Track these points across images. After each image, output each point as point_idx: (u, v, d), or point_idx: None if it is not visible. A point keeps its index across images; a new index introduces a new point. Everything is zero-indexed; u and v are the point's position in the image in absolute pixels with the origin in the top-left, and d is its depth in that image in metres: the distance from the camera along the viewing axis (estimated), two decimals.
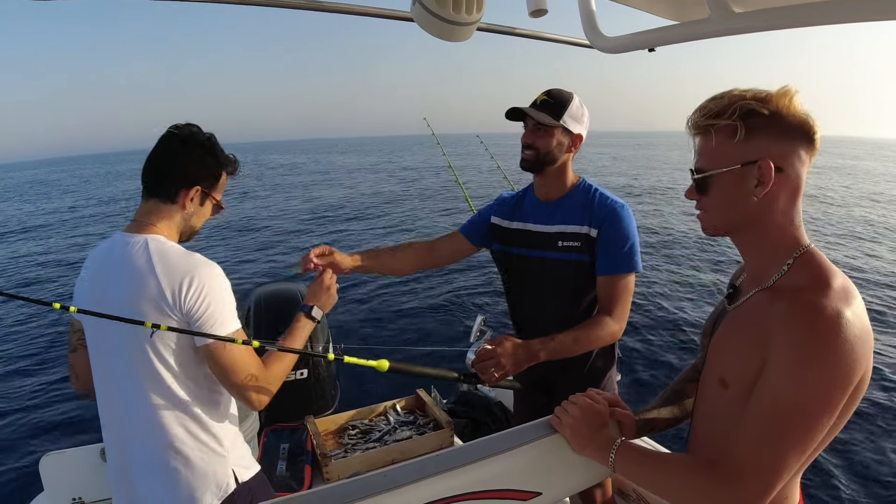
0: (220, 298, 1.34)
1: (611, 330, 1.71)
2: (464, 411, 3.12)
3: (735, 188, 0.98)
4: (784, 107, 0.93)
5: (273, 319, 2.75)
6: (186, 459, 1.36)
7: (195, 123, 1.47)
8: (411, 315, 7.16)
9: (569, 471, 1.18)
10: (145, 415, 1.34)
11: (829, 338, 0.85)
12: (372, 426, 2.40)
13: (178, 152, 1.41)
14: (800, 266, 0.96)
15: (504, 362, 1.58)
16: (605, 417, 1.16)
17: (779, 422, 0.88)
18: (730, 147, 0.97)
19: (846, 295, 0.89)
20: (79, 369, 1.50)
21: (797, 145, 0.95)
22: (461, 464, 1.03)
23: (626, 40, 1.30)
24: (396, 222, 14.96)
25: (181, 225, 1.45)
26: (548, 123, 1.74)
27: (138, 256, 1.32)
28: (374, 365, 1.48)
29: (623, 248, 1.73)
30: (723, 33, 1.09)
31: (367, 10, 1.36)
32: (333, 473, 2.08)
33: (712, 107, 0.97)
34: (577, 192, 1.85)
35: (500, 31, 1.58)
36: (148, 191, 1.42)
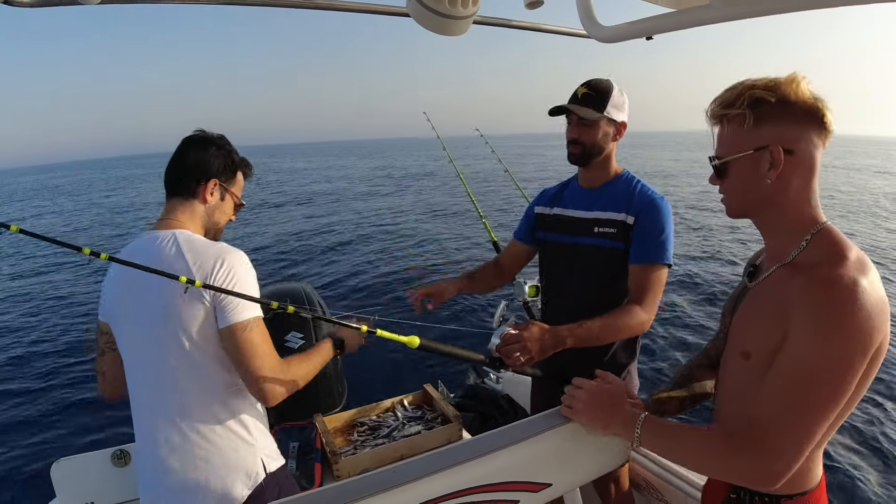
0: (244, 282, 1.39)
1: (640, 319, 1.70)
2: (471, 405, 3.12)
3: (750, 172, 1.03)
4: (791, 93, 0.98)
5: (278, 319, 2.75)
6: (216, 447, 1.39)
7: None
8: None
9: (578, 461, 1.19)
10: (175, 404, 1.39)
11: (846, 307, 0.89)
12: (380, 422, 2.41)
13: (194, 150, 1.50)
14: (817, 242, 1.01)
15: (530, 347, 1.58)
16: (618, 395, 1.18)
17: (803, 389, 0.92)
18: (742, 134, 1.02)
19: (861, 266, 0.94)
20: (108, 372, 1.54)
21: (807, 128, 0.99)
22: (470, 458, 1.04)
23: (623, 29, 1.29)
24: (402, 224, 14.96)
25: (204, 219, 1.52)
26: (593, 118, 1.75)
27: (168, 248, 1.39)
28: (405, 340, 1.52)
29: (658, 238, 1.73)
30: (722, 19, 1.08)
31: (363, 6, 1.36)
32: (344, 471, 2.09)
33: (725, 97, 1.03)
34: (619, 181, 1.86)
35: (496, 23, 1.57)
36: (169, 191, 1.50)
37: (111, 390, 1.55)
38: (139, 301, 1.40)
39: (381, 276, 8.53)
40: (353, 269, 9.41)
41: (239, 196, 1.61)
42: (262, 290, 3.09)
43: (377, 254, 10.54)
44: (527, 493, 1.09)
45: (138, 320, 1.41)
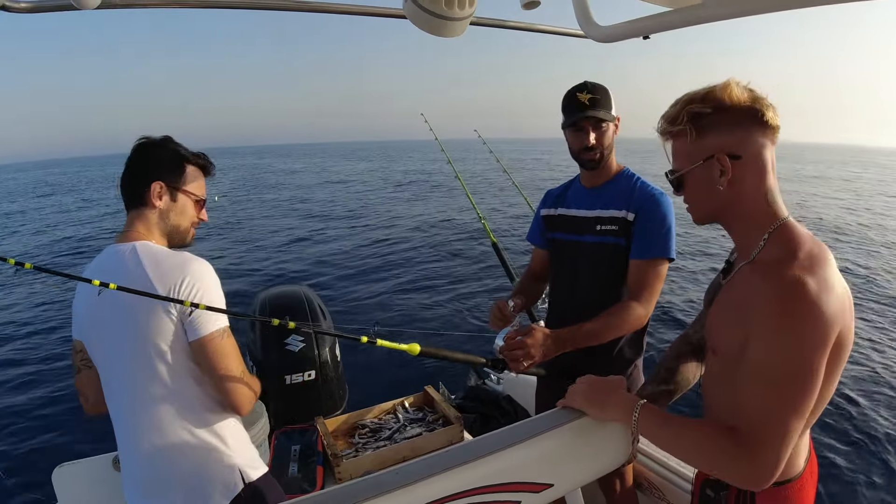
0: (210, 294, 1.36)
1: (637, 314, 1.73)
2: (472, 406, 3.13)
3: (703, 182, 1.07)
4: (726, 98, 1.02)
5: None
6: (192, 460, 1.38)
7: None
8: (440, 301, 7.17)
9: (579, 461, 1.19)
10: (148, 419, 1.37)
11: (794, 304, 0.91)
12: (381, 424, 2.41)
13: (135, 157, 1.46)
14: (775, 239, 1.03)
15: (534, 353, 1.62)
16: (616, 382, 1.21)
17: (770, 390, 0.94)
18: (688, 147, 1.07)
19: (813, 261, 0.96)
20: (87, 390, 1.51)
21: (749, 130, 1.03)
22: (471, 458, 1.04)
23: (620, 29, 1.30)
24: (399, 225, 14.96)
25: (161, 226, 1.46)
26: (610, 119, 1.79)
27: (128, 263, 1.35)
28: (405, 349, 1.51)
29: (658, 233, 1.75)
30: (717, 18, 1.08)
31: (359, 9, 1.36)
32: (345, 473, 2.09)
33: (668, 114, 1.08)
34: (620, 178, 1.89)
35: (493, 24, 1.58)
36: (126, 204, 1.47)
37: (93, 407, 1.52)
38: (107, 318, 1.37)
39: (380, 281, 8.48)
40: (352, 275, 9.39)
41: (197, 193, 1.52)
42: (263, 292, 3.12)
43: (377, 258, 10.50)
44: (529, 493, 1.09)
45: (108, 338, 1.40)
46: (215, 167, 1.60)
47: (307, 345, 2.68)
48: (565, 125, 1.82)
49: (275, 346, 2.67)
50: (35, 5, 1.09)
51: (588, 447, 1.19)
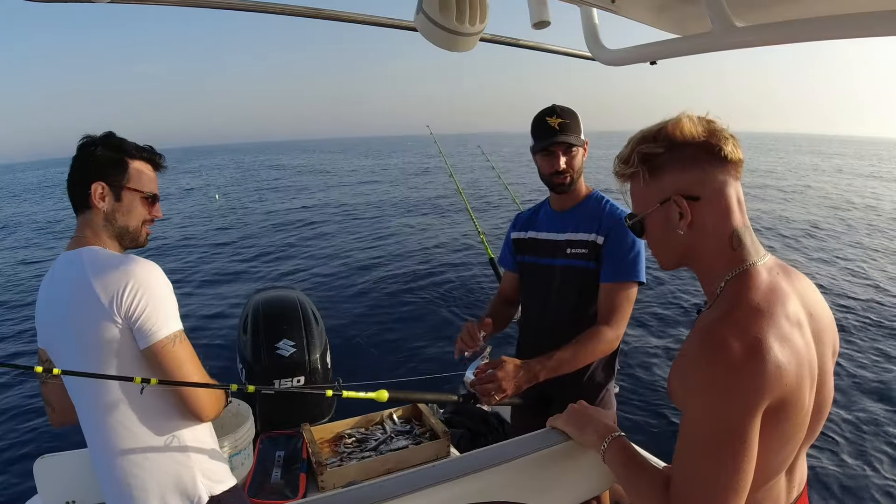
0: (158, 298, 1.30)
1: (608, 339, 1.73)
2: (460, 421, 3.11)
3: (663, 226, 1.00)
4: (678, 136, 0.94)
5: (270, 326, 2.74)
6: (148, 470, 1.33)
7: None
8: (407, 336, 7.08)
9: (564, 485, 1.18)
10: (106, 432, 1.33)
11: (713, 365, 0.85)
12: (368, 435, 2.39)
13: (75, 161, 1.41)
14: (727, 290, 0.96)
15: (505, 386, 1.61)
16: (601, 411, 1.19)
17: (690, 454, 0.88)
18: (643, 190, 1.01)
19: (750, 320, 0.88)
20: (53, 400, 1.48)
21: (706, 167, 0.95)
22: (455, 476, 1.03)
23: (627, 53, 1.31)
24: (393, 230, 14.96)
25: (108, 228, 1.41)
26: (580, 143, 1.79)
27: (74, 270, 1.31)
28: (373, 397, 1.51)
29: (627, 256, 1.75)
30: (724, 47, 1.09)
31: (371, 19, 1.37)
32: (329, 482, 2.07)
33: (622, 154, 1.01)
34: (590, 201, 1.90)
35: (502, 41, 1.59)
36: (73, 208, 1.42)
37: (59, 418, 1.48)
38: (61, 328, 1.33)
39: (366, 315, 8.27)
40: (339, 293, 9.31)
41: (145, 189, 1.44)
42: (257, 295, 3.11)
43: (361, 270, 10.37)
44: None
45: (63, 348, 1.35)
46: (165, 159, 1.53)
47: (298, 350, 2.66)
48: (535, 150, 1.83)
49: (266, 349, 2.65)
50: None
51: (572, 471, 1.18)
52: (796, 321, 0.92)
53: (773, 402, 0.86)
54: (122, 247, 1.43)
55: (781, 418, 0.89)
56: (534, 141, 1.83)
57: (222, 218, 17.39)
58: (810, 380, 0.93)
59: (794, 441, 0.95)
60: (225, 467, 1.49)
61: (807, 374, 0.91)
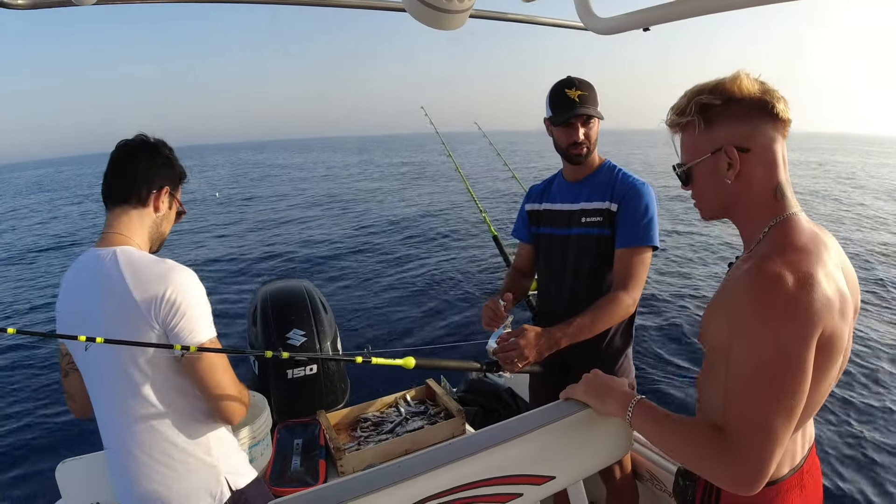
0: (194, 305, 1.31)
1: (625, 303, 1.75)
2: (474, 399, 3.14)
3: (711, 175, 1.06)
4: (735, 91, 1.00)
5: (280, 316, 2.76)
6: (175, 472, 1.35)
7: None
8: (430, 308, 7.15)
9: (581, 454, 1.19)
10: (132, 429, 1.34)
11: (769, 298, 0.89)
12: (383, 418, 2.42)
13: (145, 157, 1.41)
14: (772, 234, 1.01)
15: (527, 353, 1.65)
16: (616, 378, 1.21)
17: (749, 388, 0.91)
18: (696, 140, 1.05)
19: (800, 257, 0.93)
20: (75, 393, 1.50)
21: (758, 122, 1.01)
22: (474, 451, 1.04)
23: (620, 21, 1.29)
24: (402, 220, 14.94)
25: (152, 230, 1.43)
26: (599, 115, 1.80)
27: (109, 272, 1.30)
28: (401, 363, 1.53)
29: (641, 222, 1.78)
30: (719, 9, 1.08)
31: (360, 2, 1.36)
32: (348, 466, 2.10)
33: (677, 105, 1.06)
34: (602, 171, 1.92)
35: (492, 17, 1.57)
36: (115, 200, 1.40)
37: (80, 410, 1.50)
38: (89, 326, 1.31)
39: (377, 293, 8.31)
40: (347, 285, 9.34)
41: (181, 203, 1.52)
42: (264, 286, 3.12)
43: (370, 265, 10.36)
44: (531, 486, 1.09)
45: (88, 352, 1.35)
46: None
47: (309, 339, 2.68)
48: (555, 122, 1.82)
49: (276, 340, 2.67)
50: (34, 2, 1.08)
51: (590, 440, 1.19)
52: (836, 265, 0.99)
53: (823, 335, 0.91)
54: (151, 249, 1.44)
55: (828, 351, 0.93)
56: (551, 112, 1.82)
57: (226, 214, 17.38)
58: (850, 323, 0.98)
59: (829, 381, 0.99)
60: (245, 460, 1.52)
61: (848, 315, 0.97)
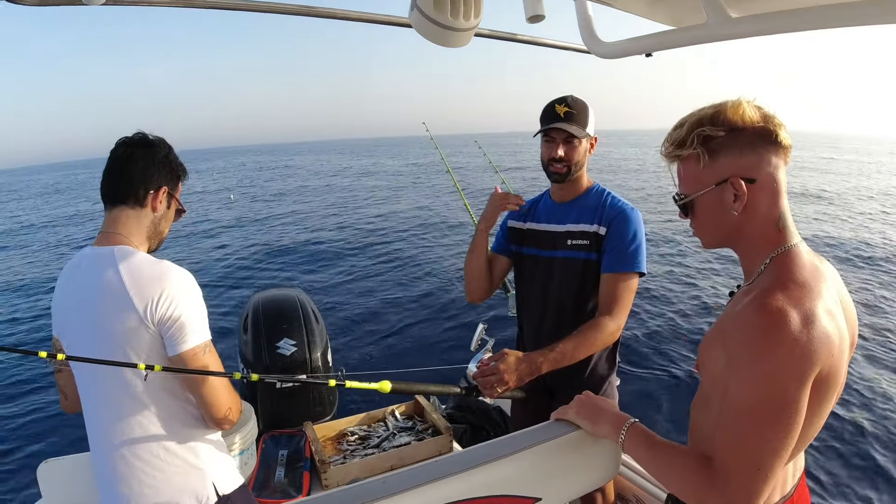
0: (191, 307, 1.31)
1: (609, 330, 1.73)
2: (462, 417, 3.11)
3: (715, 206, 1.03)
4: (738, 120, 0.99)
5: (271, 325, 2.75)
6: (162, 473, 1.34)
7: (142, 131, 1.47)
8: (411, 328, 7.11)
9: (569, 476, 1.18)
10: (119, 430, 1.33)
11: (770, 334, 0.88)
12: (370, 432, 2.40)
13: (142, 156, 1.40)
14: (773, 266, 1.00)
15: (507, 378, 1.62)
16: (607, 401, 1.20)
17: (743, 422, 0.90)
18: (699, 172, 1.03)
19: (802, 294, 0.92)
20: (66, 389, 1.48)
21: (762, 152, 0.99)
22: (460, 470, 1.03)
23: (623, 45, 1.31)
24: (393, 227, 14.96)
25: (150, 230, 1.43)
26: (582, 136, 1.78)
27: (106, 270, 1.29)
28: (375, 388, 1.50)
29: (629, 247, 1.76)
30: (720, 38, 1.09)
31: (366, 16, 1.37)
32: (332, 480, 2.07)
33: (675, 137, 1.04)
34: (590, 194, 1.90)
35: (497, 37, 1.58)
36: (112, 199, 1.40)
37: (72, 406, 1.48)
38: (83, 323, 1.32)
39: (367, 307, 8.27)
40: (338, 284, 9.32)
41: (180, 202, 1.51)
42: (257, 294, 3.11)
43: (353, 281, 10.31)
44: None
45: (83, 343, 1.34)
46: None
47: (299, 349, 2.67)
48: (538, 133, 1.84)
49: (266, 349, 2.65)
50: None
51: (578, 462, 1.19)
52: (835, 300, 0.98)
53: (821, 373, 0.90)
54: (149, 249, 1.44)
55: (823, 389, 0.92)
56: (540, 125, 1.83)
57: (240, 217, 17.37)
58: (846, 358, 0.97)
59: (823, 417, 0.98)
60: (233, 465, 1.51)
61: (845, 351, 0.96)
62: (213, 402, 1.34)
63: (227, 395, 1.38)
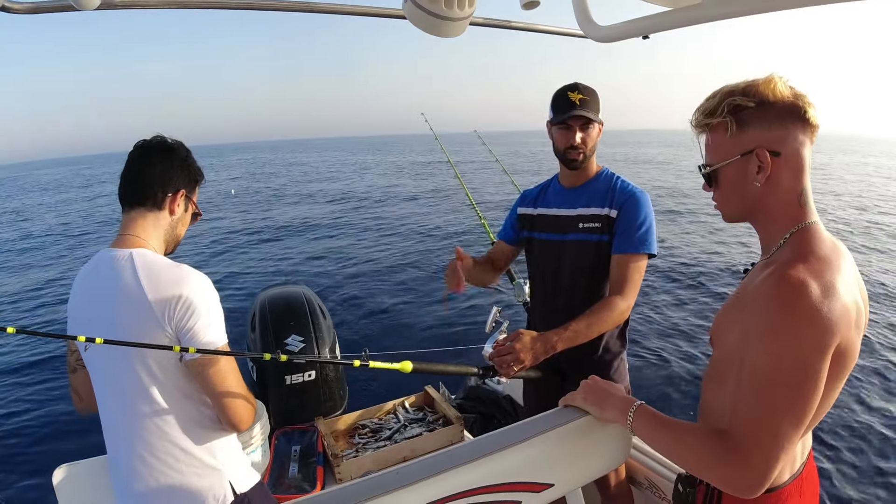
0: (208, 311, 1.32)
1: (620, 309, 1.76)
2: (472, 406, 3.13)
3: (739, 177, 1.04)
4: (769, 94, 0.99)
5: (278, 322, 2.76)
6: (180, 474, 1.35)
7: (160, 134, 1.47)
8: (427, 314, 7.15)
9: (580, 461, 1.19)
10: (137, 432, 1.34)
11: (792, 305, 0.89)
12: (382, 424, 2.41)
13: (161, 159, 1.41)
14: (793, 240, 1.01)
15: (523, 357, 1.64)
16: (614, 384, 1.21)
17: (763, 393, 0.91)
18: (726, 141, 1.03)
19: (823, 266, 0.93)
20: (81, 389, 1.49)
21: (790, 127, 1.00)
22: (472, 459, 1.04)
23: (619, 29, 1.30)
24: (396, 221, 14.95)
25: (168, 232, 1.44)
26: (598, 121, 1.82)
27: (124, 273, 1.30)
28: (398, 368, 1.51)
29: (639, 229, 1.79)
30: (716, 18, 1.08)
31: (358, 9, 1.36)
32: (345, 473, 2.09)
33: (706, 106, 1.04)
34: (600, 178, 1.93)
35: (493, 24, 1.58)
36: (130, 202, 1.40)
37: (85, 408, 1.50)
38: (100, 324, 1.31)
39: (376, 297, 8.31)
40: (343, 287, 9.33)
41: (197, 206, 1.52)
42: (263, 292, 3.12)
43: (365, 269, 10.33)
44: (529, 493, 1.09)
45: (98, 346, 1.31)
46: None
47: (307, 345, 2.68)
48: (554, 122, 1.84)
49: (274, 346, 2.67)
50: (35, 6, 1.09)
51: (589, 447, 1.19)
52: (854, 275, 1.00)
53: (840, 346, 0.91)
54: (165, 251, 1.45)
55: (840, 364, 0.94)
56: (553, 114, 1.84)
57: (241, 213, 17.40)
58: (862, 332, 0.99)
59: (838, 390, 1.00)
60: (248, 464, 1.52)
61: (861, 325, 0.97)
62: (228, 403, 1.35)
63: (243, 396, 1.38)
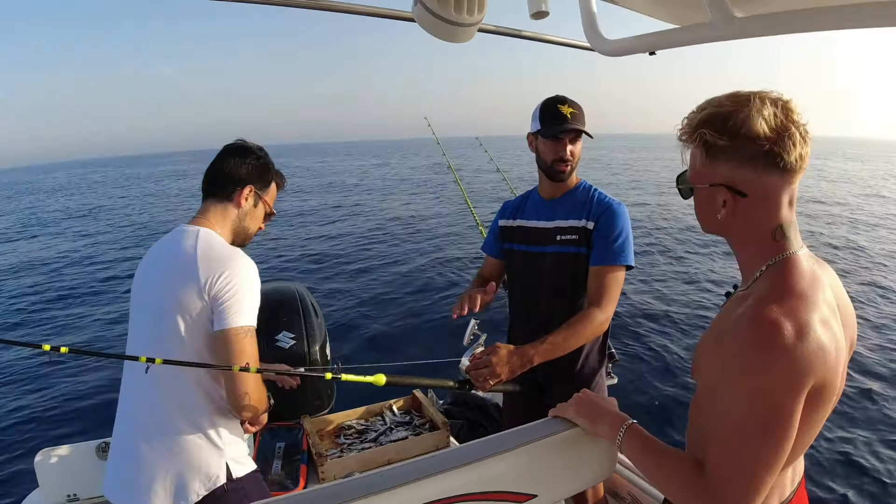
0: (245, 290, 1.43)
1: (598, 321, 1.75)
2: (460, 412, 3.12)
3: (707, 203, 1.01)
4: (747, 129, 0.91)
5: (269, 318, 2.74)
6: (183, 444, 1.41)
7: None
8: (404, 324, 7.10)
9: (565, 473, 1.18)
10: (153, 395, 1.43)
11: (766, 345, 0.86)
12: (368, 426, 2.40)
13: (235, 156, 1.59)
14: (769, 274, 0.97)
15: (499, 371, 1.63)
16: (606, 400, 1.19)
17: (735, 433, 0.89)
18: (700, 165, 1.00)
19: (798, 305, 0.90)
20: None
21: (761, 171, 0.93)
22: (457, 465, 1.03)
23: (626, 43, 1.30)
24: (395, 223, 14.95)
25: (235, 223, 1.58)
26: (591, 135, 1.84)
27: (187, 242, 1.46)
28: (371, 381, 1.51)
29: (616, 241, 1.79)
30: (723, 38, 1.09)
31: (368, 9, 1.36)
32: (329, 473, 2.08)
33: (687, 121, 0.99)
34: (578, 190, 1.93)
35: (501, 32, 1.58)
36: (207, 192, 1.59)
37: None
38: (153, 280, 1.50)
39: (367, 303, 8.24)
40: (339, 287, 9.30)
41: (271, 205, 1.68)
42: None
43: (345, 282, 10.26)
44: (512, 503, 1.08)
45: (146, 298, 1.50)
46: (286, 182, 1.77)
47: (298, 342, 2.66)
48: (546, 135, 1.83)
49: (264, 342, 2.65)
50: None
51: (575, 460, 1.19)
52: (832, 309, 0.96)
53: (815, 384, 0.88)
54: (233, 242, 1.58)
55: (818, 401, 0.91)
56: (541, 126, 1.83)
57: None
58: (843, 365, 0.96)
59: (820, 424, 0.98)
60: (246, 451, 1.56)
61: (841, 359, 0.94)
62: (239, 389, 1.40)
63: (254, 385, 1.43)
